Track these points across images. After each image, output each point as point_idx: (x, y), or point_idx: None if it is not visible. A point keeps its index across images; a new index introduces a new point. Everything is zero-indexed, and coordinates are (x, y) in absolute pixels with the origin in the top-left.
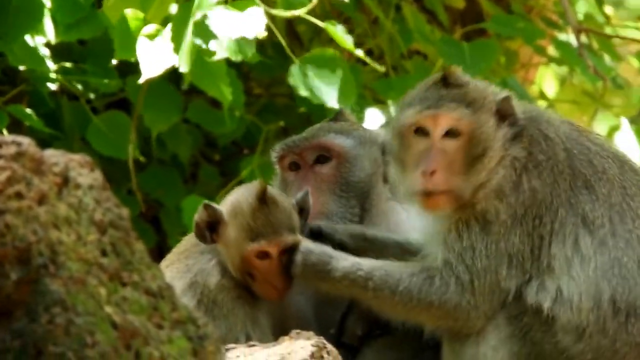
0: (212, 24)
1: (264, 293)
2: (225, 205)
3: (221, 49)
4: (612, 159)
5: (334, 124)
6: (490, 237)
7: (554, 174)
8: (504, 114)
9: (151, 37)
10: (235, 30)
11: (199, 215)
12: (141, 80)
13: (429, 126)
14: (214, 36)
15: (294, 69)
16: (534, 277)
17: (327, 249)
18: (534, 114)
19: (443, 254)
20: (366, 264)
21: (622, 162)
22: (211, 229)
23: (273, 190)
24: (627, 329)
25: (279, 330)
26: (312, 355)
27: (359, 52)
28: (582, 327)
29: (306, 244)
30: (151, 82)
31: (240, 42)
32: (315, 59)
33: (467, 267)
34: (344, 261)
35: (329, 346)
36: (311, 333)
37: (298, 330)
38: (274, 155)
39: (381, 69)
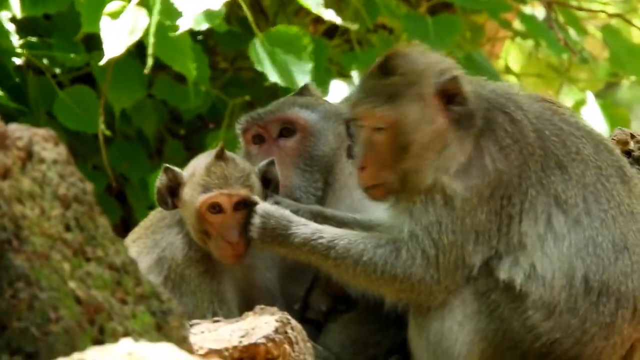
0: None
1: (220, 252)
2: (186, 169)
3: (187, 20)
4: (586, 139)
5: (299, 97)
6: (455, 213)
7: (524, 155)
8: (450, 94)
9: (114, 15)
10: (200, 2)
11: (159, 180)
12: (103, 61)
13: (360, 121)
14: (179, 11)
15: (255, 45)
16: (505, 253)
17: (287, 214)
18: (502, 96)
19: (409, 226)
20: (328, 231)
21: (597, 141)
22: (172, 193)
23: (236, 155)
24: (597, 309)
25: (244, 307)
26: (276, 330)
27: (329, 16)
28: (553, 304)
29: (265, 206)
30: (116, 58)
31: (206, 13)
32: (279, 35)
33: (433, 241)
34: (305, 227)
35: (293, 322)
36: (275, 309)
37: (262, 306)
38: (238, 127)
39: (353, 26)
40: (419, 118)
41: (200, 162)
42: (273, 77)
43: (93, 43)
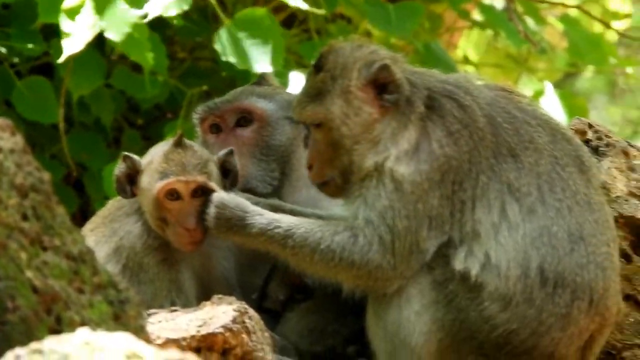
0: None
1: (178, 239)
2: (144, 157)
3: (154, 8)
4: (542, 128)
5: (256, 87)
6: (406, 197)
7: (474, 141)
8: (382, 84)
9: (72, 12)
10: None
11: (118, 168)
12: (63, 58)
13: (301, 121)
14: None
15: (222, 33)
16: (460, 243)
17: (243, 203)
18: (451, 84)
19: (364, 212)
20: (285, 220)
21: (554, 130)
22: (131, 181)
23: (194, 143)
24: (553, 300)
25: (202, 297)
26: (234, 320)
27: (295, 2)
28: (509, 295)
29: (221, 196)
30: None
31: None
32: (245, 19)
33: (389, 227)
34: (261, 217)
35: (251, 311)
36: (233, 298)
37: (220, 296)
38: (195, 117)
39: (320, 11)
40: (346, 111)
41: (158, 150)
42: (241, 65)
43: (51, 32)
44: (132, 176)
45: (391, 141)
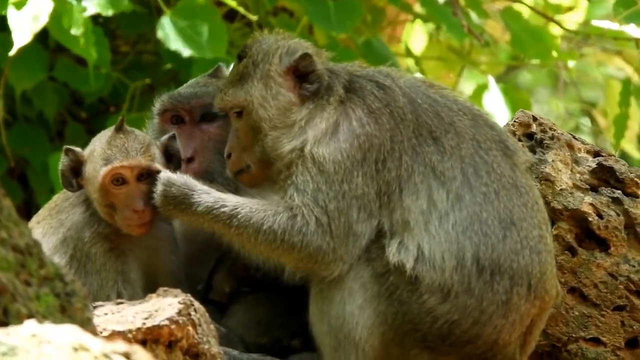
0: None
1: (127, 222)
2: (87, 147)
3: (92, 4)
4: (463, 113)
5: (217, 81)
6: (331, 178)
7: (395, 119)
8: (303, 72)
9: (19, 5)
10: None
11: (61, 162)
12: (13, 51)
13: (222, 110)
14: None
15: (164, 21)
16: (391, 234)
17: (191, 181)
18: (372, 70)
19: (299, 197)
20: (231, 199)
21: (475, 116)
22: (76, 173)
23: (135, 128)
24: (492, 288)
25: (149, 289)
26: (180, 312)
27: None
28: (447, 287)
29: (168, 174)
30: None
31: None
32: (186, 8)
33: (322, 208)
34: (207, 196)
35: (196, 303)
36: (178, 291)
37: (165, 288)
38: (157, 106)
39: (254, 18)
40: (264, 95)
41: (101, 138)
42: (186, 52)
43: None
44: (76, 168)
45: (309, 125)
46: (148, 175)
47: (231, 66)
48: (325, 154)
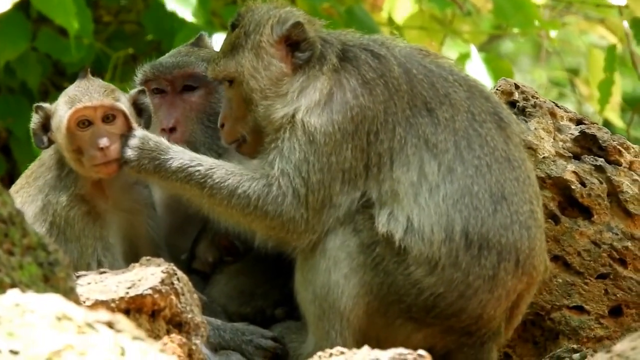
0: None
1: (93, 163)
2: (54, 103)
3: None
4: (459, 84)
5: (199, 50)
6: (320, 149)
7: (389, 90)
8: (295, 40)
9: None
10: None
11: (32, 121)
12: None
13: (216, 79)
14: None
15: None
16: (380, 205)
17: (166, 142)
18: (366, 39)
19: (280, 163)
20: (206, 160)
21: (471, 87)
22: (46, 129)
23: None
24: (479, 263)
25: (130, 257)
26: (162, 281)
27: None
28: (435, 259)
29: (144, 131)
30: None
31: None
32: None
33: (303, 180)
34: (183, 154)
35: (179, 273)
36: (161, 260)
37: (148, 257)
38: (139, 76)
39: None
40: (255, 65)
41: (67, 89)
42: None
43: None
44: (46, 125)
45: (301, 93)
46: (114, 118)
47: (214, 36)
48: (317, 125)
